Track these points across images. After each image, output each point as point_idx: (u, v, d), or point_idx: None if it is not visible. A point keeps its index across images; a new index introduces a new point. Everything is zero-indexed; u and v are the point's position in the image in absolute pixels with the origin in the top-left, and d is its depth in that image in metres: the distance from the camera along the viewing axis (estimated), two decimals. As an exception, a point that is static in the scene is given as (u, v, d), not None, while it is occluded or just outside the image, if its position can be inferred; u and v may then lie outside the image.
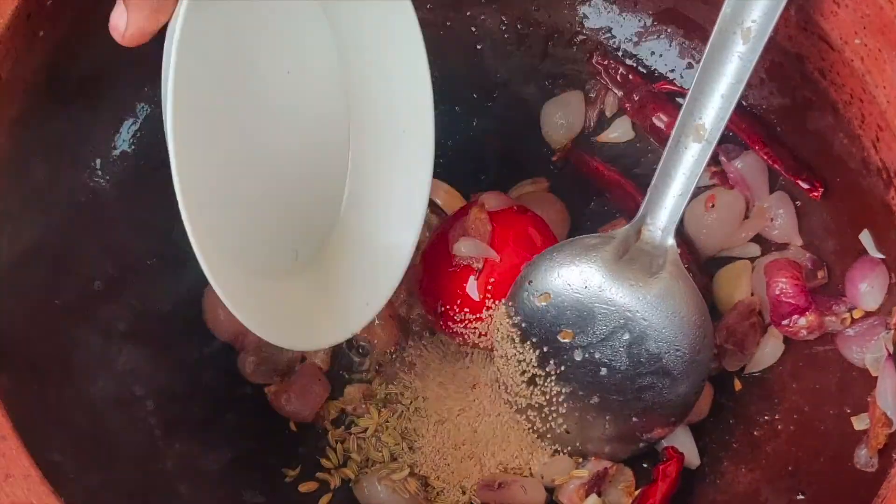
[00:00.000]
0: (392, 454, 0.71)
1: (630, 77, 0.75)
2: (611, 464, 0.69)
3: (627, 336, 0.64)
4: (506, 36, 0.77)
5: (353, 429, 0.72)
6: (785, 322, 0.67)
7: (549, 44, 0.77)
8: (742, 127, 0.70)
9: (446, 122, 0.68)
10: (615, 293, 0.64)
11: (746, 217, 0.72)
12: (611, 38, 0.76)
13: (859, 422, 0.63)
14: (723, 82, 0.61)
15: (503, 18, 0.77)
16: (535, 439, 0.70)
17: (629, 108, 0.76)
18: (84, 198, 0.67)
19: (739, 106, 0.62)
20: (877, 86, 0.59)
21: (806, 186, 0.68)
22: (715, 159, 0.71)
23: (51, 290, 0.64)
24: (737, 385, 0.71)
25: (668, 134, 0.63)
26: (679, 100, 0.74)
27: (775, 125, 0.71)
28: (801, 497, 0.65)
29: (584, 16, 0.76)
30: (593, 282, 0.65)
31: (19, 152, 0.60)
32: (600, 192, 0.77)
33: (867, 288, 0.64)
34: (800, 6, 0.62)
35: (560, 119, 0.77)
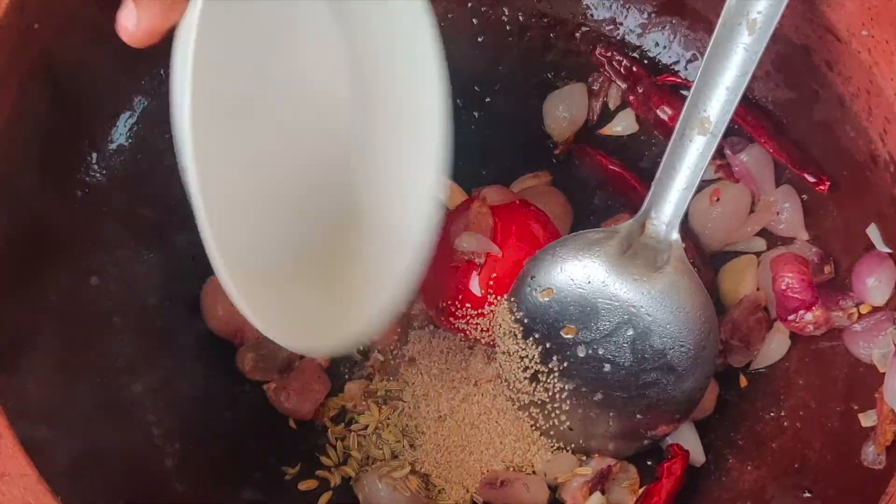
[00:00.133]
0: (393, 452, 0.71)
1: (634, 69, 0.75)
2: (614, 461, 0.68)
3: (631, 332, 0.64)
4: (508, 28, 0.77)
5: (354, 426, 0.72)
6: (791, 317, 0.67)
7: (552, 35, 0.76)
8: (748, 119, 0.70)
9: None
10: (619, 288, 0.64)
11: (752, 211, 0.72)
12: (614, 30, 0.75)
13: (867, 418, 0.63)
14: (728, 74, 0.61)
15: (505, 10, 0.76)
16: (538, 436, 0.70)
17: (633, 101, 0.75)
18: (80, 192, 0.67)
19: (745, 98, 0.62)
20: (884, 78, 0.59)
21: (812, 180, 0.68)
22: (720, 152, 0.71)
23: (46, 285, 0.63)
24: (742, 381, 0.71)
25: (673, 127, 0.63)
26: (683, 92, 0.73)
27: (781, 118, 0.70)
28: (808, 494, 0.65)
29: (588, 7, 0.75)
30: (597, 277, 0.64)
31: (14, 145, 0.60)
32: (604, 186, 0.76)
33: (874, 283, 0.64)
34: (806, -3, 0.61)
35: (563, 112, 0.76)
